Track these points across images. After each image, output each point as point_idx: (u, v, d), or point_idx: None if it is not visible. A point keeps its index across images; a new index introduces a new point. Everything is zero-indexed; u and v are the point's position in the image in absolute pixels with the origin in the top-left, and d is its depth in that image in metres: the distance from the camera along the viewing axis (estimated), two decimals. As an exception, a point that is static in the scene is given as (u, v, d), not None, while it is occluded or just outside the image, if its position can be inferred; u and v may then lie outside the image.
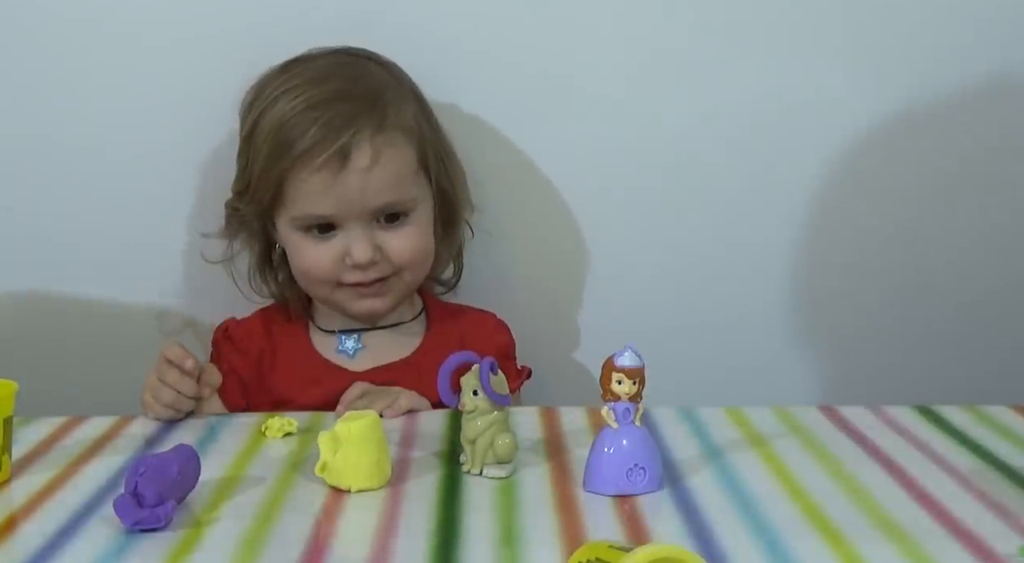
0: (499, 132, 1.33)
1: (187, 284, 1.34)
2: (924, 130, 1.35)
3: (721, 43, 1.32)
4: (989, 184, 1.37)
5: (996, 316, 1.40)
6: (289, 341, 1.24)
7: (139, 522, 0.79)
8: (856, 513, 0.83)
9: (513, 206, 1.36)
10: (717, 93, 1.33)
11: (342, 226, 1.16)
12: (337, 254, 1.17)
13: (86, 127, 1.31)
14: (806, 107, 1.33)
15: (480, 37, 1.30)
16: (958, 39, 1.33)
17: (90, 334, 1.35)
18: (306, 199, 1.15)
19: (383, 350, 1.23)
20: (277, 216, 1.19)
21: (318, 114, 1.14)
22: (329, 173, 1.13)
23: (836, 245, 1.38)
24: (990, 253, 1.39)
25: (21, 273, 1.34)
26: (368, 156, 1.14)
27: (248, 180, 1.19)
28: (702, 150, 1.34)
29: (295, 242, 1.18)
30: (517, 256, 1.37)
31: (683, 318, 1.37)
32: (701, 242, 1.37)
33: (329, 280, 1.18)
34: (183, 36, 1.29)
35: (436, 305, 1.29)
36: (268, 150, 1.15)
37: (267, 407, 1.18)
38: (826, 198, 1.36)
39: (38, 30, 1.28)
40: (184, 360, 1.09)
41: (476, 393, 0.92)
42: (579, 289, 1.38)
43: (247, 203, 1.20)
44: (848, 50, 1.33)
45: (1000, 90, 1.35)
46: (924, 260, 1.38)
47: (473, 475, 0.92)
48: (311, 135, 1.13)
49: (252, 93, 1.21)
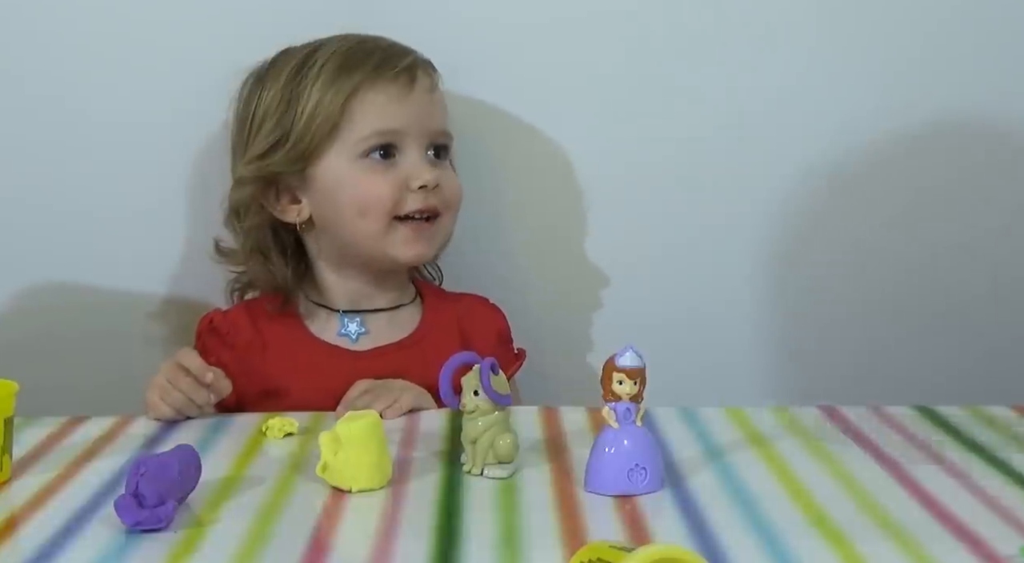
0: (499, 127, 1.33)
1: (188, 285, 1.34)
2: (923, 128, 1.35)
3: (727, 40, 1.32)
4: (988, 182, 1.37)
5: (996, 316, 1.40)
6: (280, 330, 1.23)
7: (140, 522, 0.79)
8: (856, 513, 0.83)
9: (513, 203, 1.36)
10: (723, 91, 1.33)
11: (402, 150, 1.19)
12: (399, 180, 1.18)
13: (86, 127, 1.31)
14: (815, 105, 1.33)
15: (479, 35, 1.31)
16: (957, 39, 1.33)
17: (90, 334, 1.35)
18: (378, 112, 1.18)
19: (383, 332, 1.24)
20: (325, 154, 1.18)
21: (372, 46, 1.20)
22: (402, 85, 1.19)
23: (836, 245, 1.38)
24: (990, 252, 1.39)
25: (21, 273, 1.34)
26: (429, 79, 1.22)
27: (288, 126, 1.18)
28: (708, 148, 1.34)
29: (351, 175, 1.19)
30: (518, 255, 1.37)
31: (686, 318, 1.37)
32: (703, 241, 1.37)
33: (389, 211, 1.18)
34: (179, 26, 1.29)
35: (429, 289, 1.30)
36: (330, 74, 1.18)
37: (260, 398, 1.18)
38: (828, 198, 1.37)
39: (35, 22, 1.28)
40: (204, 374, 1.09)
41: (477, 393, 0.92)
42: (581, 289, 1.38)
43: (288, 151, 1.19)
44: (853, 50, 1.33)
45: (999, 90, 1.35)
46: (924, 259, 1.39)
47: (474, 475, 0.92)
48: (378, 54, 1.19)
49: (253, 80, 1.22)
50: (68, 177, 1.32)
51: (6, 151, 1.31)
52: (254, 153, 1.20)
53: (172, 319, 1.35)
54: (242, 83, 1.24)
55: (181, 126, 1.30)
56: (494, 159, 1.33)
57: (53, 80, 1.30)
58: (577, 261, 1.38)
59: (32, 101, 1.30)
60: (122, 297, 1.34)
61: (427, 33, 1.25)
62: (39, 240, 1.33)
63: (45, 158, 1.31)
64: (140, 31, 1.29)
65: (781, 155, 1.35)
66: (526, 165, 1.35)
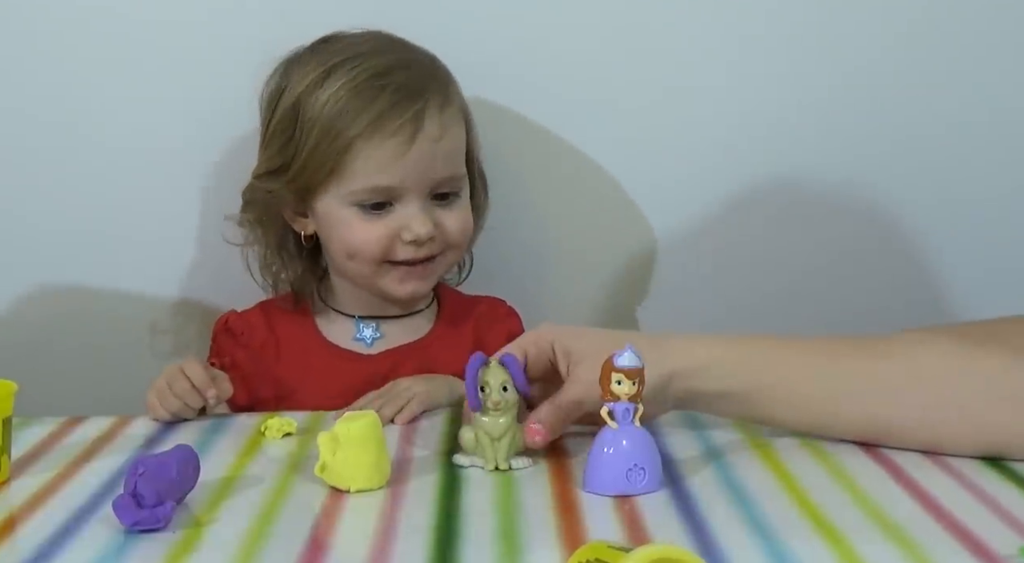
0: (511, 130, 1.33)
1: (188, 285, 1.34)
2: (927, 128, 1.35)
3: (745, 44, 1.33)
4: (987, 181, 1.37)
5: (996, 315, 1.40)
6: (294, 332, 1.23)
7: (138, 522, 0.79)
8: (856, 513, 0.83)
9: (524, 204, 1.36)
10: (743, 95, 1.33)
11: (400, 200, 1.15)
12: (392, 230, 1.15)
13: (86, 127, 1.31)
14: (838, 111, 1.34)
15: (481, 36, 1.31)
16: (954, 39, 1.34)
17: (90, 334, 1.35)
18: (372, 170, 1.13)
19: (397, 336, 1.23)
20: (323, 193, 1.16)
21: (384, 82, 1.13)
22: (402, 141, 1.12)
23: (837, 244, 1.38)
24: (991, 251, 1.39)
25: (21, 273, 1.34)
26: (438, 126, 1.14)
27: (291, 157, 1.16)
28: (717, 149, 1.34)
29: (343, 219, 1.16)
30: (525, 255, 1.37)
31: (688, 317, 1.37)
32: (704, 241, 1.37)
33: (377, 258, 1.16)
34: (191, 26, 1.29)
35: (448, 293, 1.29)
36: (327, 121, 1.12)
37: (271, 400, 1.18)
38: (829, 198, 1.37)
39: (47, 24, 1.28)
40: (206, 388, 1.08)
41: (506, 389, 0.91)
42: (583, 289, 1.38)
43: (288, 181, 1.17)
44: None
45: (998, 90, 1.35)
46: (925, 258, 1.38)
47: (502, 471, 0.91)
48: (381, 102, 1.12)
49: (283, 74, 1.20)
50: (68, 176, 1.32)
51: (9, 152, 1.31)
52: (261, 169, 1.20)
53: (173, 319, 1.36)
54: (274, 69, 1.21)
55: (193, 127, 1.30)
56: (506, 157, 1.33)
57: (63, 82, 1.30)
58: (582, 260, 1.38)
59: (41, 103, 1.31)
60: (122, 297, 1.34)
61: (448, 37, 1.25)
62: (40, 240, 1.33)
63: (47, 158, 1.32)
64: (154, 33, 1.29)
65: (802, 162, 1.35)
66: (539, 163, 1.35)
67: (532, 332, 0.99)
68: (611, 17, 1.32)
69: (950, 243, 1.38)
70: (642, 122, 1.34)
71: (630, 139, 1.35)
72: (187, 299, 1.35)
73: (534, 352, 0.97)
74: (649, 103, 1.34)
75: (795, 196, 1.36)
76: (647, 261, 1.38)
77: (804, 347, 0.96)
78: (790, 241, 1.38)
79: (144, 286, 1.34)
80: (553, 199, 1.37)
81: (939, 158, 1.36)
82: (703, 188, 1.36)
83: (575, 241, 1.38)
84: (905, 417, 0.93)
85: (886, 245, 1.38)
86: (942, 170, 1.37)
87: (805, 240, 1.38)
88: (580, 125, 1.34)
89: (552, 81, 1.33)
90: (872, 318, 1.35)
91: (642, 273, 1.38)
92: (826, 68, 1.33)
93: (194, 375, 1.08)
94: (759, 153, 1.35)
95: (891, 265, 1.39)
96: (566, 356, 0.96)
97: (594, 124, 1.34)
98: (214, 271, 1.31)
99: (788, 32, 1.33)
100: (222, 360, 1.20)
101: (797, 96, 1.34)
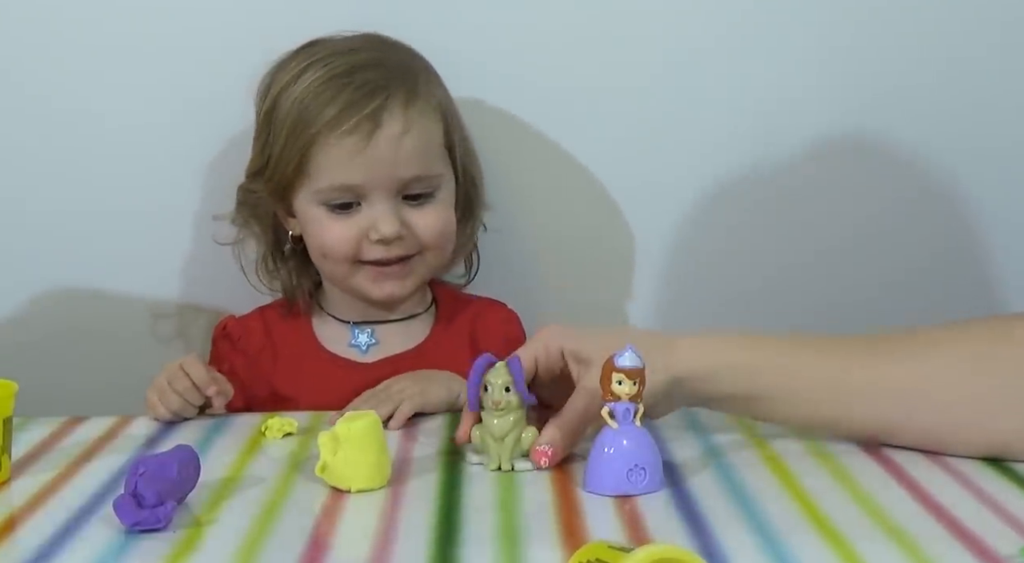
0: (511, 130, 1.33)
1: (188, 285, 1.34)
2: (922, 126, 1.35)
3: (743, 45, 1.33)
4: (986, 181, 1.37)
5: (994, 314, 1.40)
6: (292, 338, 1.23)
7: (139, 522, 0.79)
8: (856, 513, 0.83)
9: (525, 204, 1.36)
10: (740, 97, 1.33)
11: (367, 199, 1.15)
12: (360, 229, 1.15)
13: (86, 127, 1.31)
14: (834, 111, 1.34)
15: (486, 36, 1.31)
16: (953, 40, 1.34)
17: (90, 334, 1.35)
18: (334, 167, 1.13)
19: (394, 342, 1.23)
20: (297, 192, 1.17)
21: (348, 80, 1.13)
22: (359, 138, 1.12)
23: (838, 244, 1.38)
24: (991, 250, 1.39)
25: (21, 273, 1.34)
26: (400, 123, 1.13)
27: (267, 157, 1.17)
28: (719, 149, 1.35)
29: (315, 218, 1.16)
30: (528, 255, 1.37)
31: (690, 317, 1.37)
32: (706, 240, 1.37)
33: (349, 258, 1.16)
34: (189, 25, 1.29)
35: (447, 295, 1.28)
36: (293, 119, 1.13)
37: (268, 405, 1.18)
38: (828, 198, 1.37)
39: (45, 23, 1.28)
40: (207, 386, 1.08)
41: (508, 390, 0.91)
42: (585, 289, 1.38)
43: (265, 181, 1.18)
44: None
45: (997, 90, 1.35)
46: (925, 258, 1.39)
47: (504, 472, 0.91)
48: (341, 99, 1.12)
49: (269, 75, 1.20)
50: (68, 176, 1.32)
51: (9, 152, 1.31)
52: (248, 169, 1.21)
53: (173, 319, 1.36)
54: (267, 71, 1.22)
55: (191, 127, 1.30)
56: (505, 157, 1.33)
57: (63, 81, 1.30)
58: (585, 260, 1.38)
59: (41, 101, 1.30)
60: (122, 297, 1.34)
61: (442, 39, 1.25)
62: (40, 240, 1.33)
63: (48, 157, 1.32)
64: (152, 30, 1.29)
65: (799, 162, 1.35)
66: (538, 163, 1.35)
67: (540, 337, 0.98)
68: (612, 16, 1.32)
69: (937, 240, 1.39)
70: (642, 122, 1.34)
71: (630, 139, 1.34)
72: (188, 299, 1.35)
73: (544, 358, 0.97)
74: (649, 103, 1.34)
75: (806, 202, 1.36)
76: (647, 261, 1.38)
77: (815, 350, 0.95)
78: (796, 244, 1.38)
79: (145, 286, 1.34)
80: (553, 199, 1.37)
81: (923, 153, 1.36)
82: (704, 188, 1.36)
83: (575, 241, 1.38)
84: (917, 421, 0.93)
85: (872, 242, 1.38)
86: (925, 165, 1.37)
87: (808, 241, 1.38)
88: (580, 125, 1.34)
89: (552, 81, 1.32)
90: (859, 313, 1.36)
91: (641, 273, 1.38)
92: (812, 67, 1.33)
93: (194, 372, 1.08)
94: (772, 158, 1.35)
95: (874, 262, 1.39)
96: (577, 362, 0.96)
97: (594, 124, 1.34)
98: (215, 271, 1.31)
99: (772, 31, 1.33)
100: (220, 366, 1.20)
101: (797, 96, 1.34)
